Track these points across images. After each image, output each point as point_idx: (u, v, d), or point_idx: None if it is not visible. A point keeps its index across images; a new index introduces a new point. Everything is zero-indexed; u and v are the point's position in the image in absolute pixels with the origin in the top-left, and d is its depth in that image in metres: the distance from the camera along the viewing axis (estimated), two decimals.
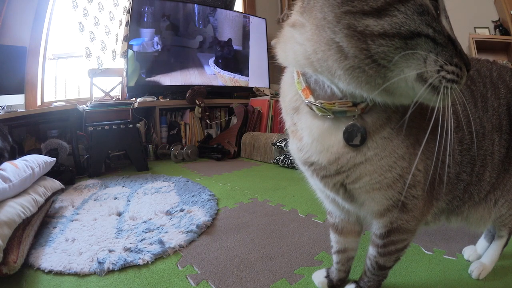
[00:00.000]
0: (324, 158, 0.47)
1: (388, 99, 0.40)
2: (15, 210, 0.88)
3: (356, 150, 0.45)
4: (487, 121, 0.55)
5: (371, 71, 0.36)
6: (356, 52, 0.35)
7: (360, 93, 0.40)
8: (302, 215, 1.15)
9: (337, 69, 0.38)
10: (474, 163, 0.54)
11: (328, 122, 0.46)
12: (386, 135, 0.45)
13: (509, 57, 3.16)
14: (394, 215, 0.50)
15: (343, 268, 0.67)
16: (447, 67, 0.36)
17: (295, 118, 0.50)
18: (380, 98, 0.40)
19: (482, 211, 0.60)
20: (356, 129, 0.44)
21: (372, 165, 0.45)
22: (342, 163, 0.46)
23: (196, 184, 1.62)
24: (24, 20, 2.45)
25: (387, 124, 0.45)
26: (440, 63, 0.35)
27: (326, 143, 0.46)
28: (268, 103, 2.76)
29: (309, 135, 0.48)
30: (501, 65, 0.62)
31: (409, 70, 0.36)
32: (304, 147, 0.49)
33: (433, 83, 0.36)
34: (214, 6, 3.15)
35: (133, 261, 0.83)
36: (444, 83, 0.36)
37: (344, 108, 0.43)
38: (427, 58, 0.35)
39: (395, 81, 0.37)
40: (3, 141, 1.38)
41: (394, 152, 0.45)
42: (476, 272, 0.69)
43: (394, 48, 0.35)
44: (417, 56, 0.35)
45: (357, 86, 0.38)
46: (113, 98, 2.85)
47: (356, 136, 0.44)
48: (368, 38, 0.35)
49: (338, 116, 0.45)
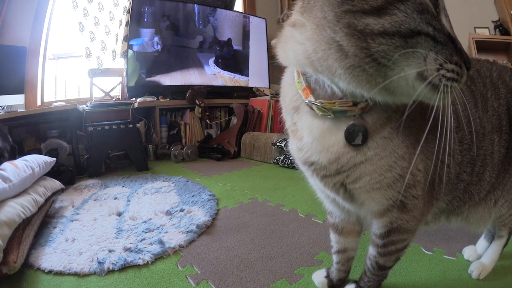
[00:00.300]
0: (324, 158, 0.47)
1: (389, 98, 0.40)
2: (15, 210, 0.88)
3: (357, 150, 0.45)
4: (487, 121, 0.55)
5: (372, 70, 0.36)
6: (357, 51, 0.36)
7: (360, 92, 0.40)
8: (302, 215, 1.15)
9: (337, 68, 0.38)
10: (474, 163, 0.54)
11: (328, 122, 0.46)
12: (387, 135, 0.45)
13: (509, 57, 3.16)
14: (394, 215, 0.50)
15: (343, 268, 0.67)
16: (447, 66, 0.36)
17: (295, 117, 0.50)
18: (381, 97, 0.40)
19: (482, 211, 0.60)
20: (357, 128, 0.44)
21: (372, 165, 0.45)
22: (342, 162, 0.46)
23: (196, 184, 1.62)
24: (24, 20, 2.45)
25: (387, 124, 0.45)
26: (440, 62, 0.35)
27: (327, 142, 0.46)
28: (268, 103, 2.76)
29: (309, 134, 0.48)
30: (501, 65, 0.62)
31: (409, 69, 0.36)
32: (304, 146, 0.49)
33: (433, 81, 0.36)
34: (214, 6, 3.15)
35: (133, 261, 0.83)
36: (444, 81, 0.36)
37: (344, 107, 0.43)
38: (427, 56, 0.35)
39: (395, 80, 0.37)
40: (3, 141, 1.38)
41: (394, 152, 0.45)
42: (476, 272, 0.69)
43: (394, 46, 0.35)
44: (417, 55, 0.35)
45: (358, 85, 0.38)
46: (113, 98, 2.84)
47: (358, 136, 0.44)
48: (368, 37, 0.35)
49: (338, 115, 0.45)
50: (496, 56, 3.16)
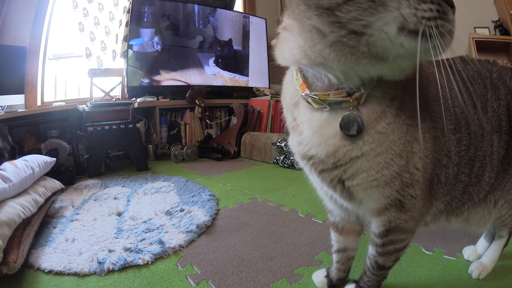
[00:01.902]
0: (323, 151, 0.48)
1: (384, 68, 0.40)
2: (15, 210, 0.88)
3: (353, 143, 0.45)
4: (486, 122, 0.55)
5: (351, 41, 0.37)
6: (331, 27, 0.37)
7: (355, 72, 0.41)
8: (302, 215, 1.15)
9: (323, 50, 0.39)
10: (473, 164, 0.54)
11: (326, 114, 0.47)
12: (382, 130, 0.45)
13: (509, 57, 3.16)
14: (393, 214, 0.50)
15: (343, 267, 0.67)
16: (422, 6, 0.34)
17: (295, 112, 0.52)
18: (375, 70, 0.40)
19: (482, 211, 0.60)
20: (352, 118, 0.45)
21: (369, 161, 0.46)
22: (339, 156, 0.47)
23: (196, 184, 1.62)
24: (24, 20, 2.45)
25: (382, 118, 0.45)
26: (414, 5, 0.34)
27: (325, 135, 0.47)
28: (268, 103, 2.76)
29: (309, 128, 0.49)
30: (501, 66, 0.62)
31: (388, 27, 0.35)
32: (304, 140, 0.50)
33: (414, 28, 0.34)
34: (214, 6, 3.15)
35: (133, 261, 0.83)
36: (425, 22, 0.34)
37: (339, 98, 0.44)
38: (400, 7, 0.34)
39: (381, 44, 0.36)
40: (3, 141, 1.38)
41: (390, 148, 0.45)
42: (476, 272, 0.69)
43: (362, 9, 0.35)
44: (389, 9, 0.34)
45: (346, 62, 0.39)
46: (113, 98, 2.84)
47: (353, 126, 0.45)
48: (336, 10, 0.36)
49: (334, 107, 0.46)
50: (496, 56, 3.16)
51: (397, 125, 0.45)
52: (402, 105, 0.45)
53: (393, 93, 0.45)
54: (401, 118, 0.45)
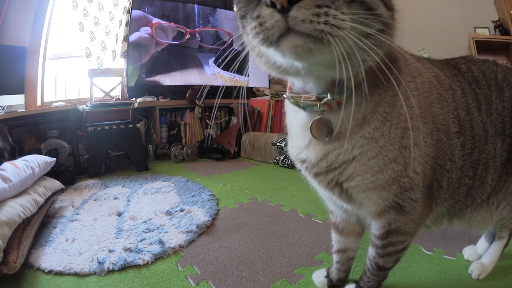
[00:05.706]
0: (312, 155, 0.48)
1: (310, 76, 0.42)
2: (15, 210, 0.88)
3: (341, 147, 0.45)
4: (490, 124, 0.54)
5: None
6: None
7: (310, 78, 0.43)
8: (302, 215, 1.15)
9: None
10: (477, 167, 0.54)
11: (304, 116, 0.48)
12: (368, 135, 0.45)
13: (509, 57, 3.17)
14: (392, 217, 0.50)
15: (343, 268, 0.67)
16: (248, 30, 0.36)
17: (286, 114, 0.53)
18: (305, 78, 0.44)
19: (484, 214, 0.60)
20: (323, 123, 0.45)
21: (362, 165, 0.46)
22: (331, 160, 0.47)
23: (196, 184, 1.62)
24: (24, 20, 2.45)
25: (366, 123, 0.44)
26: (248, 32, 0.35)
27: (307, 137, 0.48)
28: (268, 103, 2.76)
29: (294, 129, 0.50)
30: (507, 67, 0.61)
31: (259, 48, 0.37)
32: (294, 142, 0.51)
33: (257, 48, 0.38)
34: (214, 6, 3.15)
35: (133, 261, 0.83)
36: (256, 42, 0.35)
37: (308, 102, 0.45)
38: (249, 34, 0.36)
39: (271, 61, 0.39)
40: (3, 141, 1.38)
41: (381, 153, 0.45)
42: (476, 272, 0.69)
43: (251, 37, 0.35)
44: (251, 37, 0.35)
45: (278, 72, 0.42)
46: (113, 98, 2.84)
47: (324, 130, 0.45)
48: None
49: (309, 110, 0.46)
50: (496, 56, 3.16)
51: (387, 130, 0.44)
52: (392, 110, 0.45)
53: (378, 99, 0.44)
54: (392, 122, 0.45)
